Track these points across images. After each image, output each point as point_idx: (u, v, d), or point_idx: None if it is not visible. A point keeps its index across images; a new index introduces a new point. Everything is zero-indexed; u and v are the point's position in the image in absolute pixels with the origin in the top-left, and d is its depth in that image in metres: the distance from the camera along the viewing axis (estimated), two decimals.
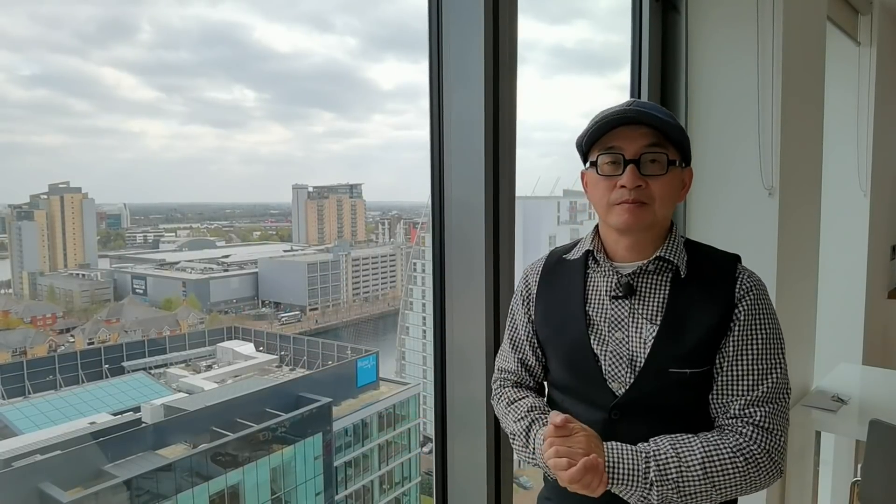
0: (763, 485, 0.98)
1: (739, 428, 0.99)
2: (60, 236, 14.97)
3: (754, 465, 0.96)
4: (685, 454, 0.95)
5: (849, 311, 3.52)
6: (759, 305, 1.03)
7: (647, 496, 0.94)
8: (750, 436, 0.98)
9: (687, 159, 1.08)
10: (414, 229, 20.91)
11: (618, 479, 0.93)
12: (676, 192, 1.06)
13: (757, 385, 1.00)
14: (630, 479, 0.93)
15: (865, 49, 3.39)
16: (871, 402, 2.55)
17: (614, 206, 1.03)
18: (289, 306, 16.98)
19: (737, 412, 1.00)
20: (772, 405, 1.00)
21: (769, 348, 1.02)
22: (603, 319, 1.07)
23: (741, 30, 2.17)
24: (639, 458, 0.94)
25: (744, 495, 0.99)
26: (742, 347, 1.01)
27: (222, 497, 10.43)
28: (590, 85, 41.77)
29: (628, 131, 1.02)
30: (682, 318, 1.02)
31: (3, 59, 26.51)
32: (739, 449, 0.96)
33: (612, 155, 1.03)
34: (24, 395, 10.76)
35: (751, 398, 1.00)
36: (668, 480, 0.93)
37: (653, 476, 0.93)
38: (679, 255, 1.06)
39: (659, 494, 0.93)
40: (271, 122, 40.12)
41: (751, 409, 1.00)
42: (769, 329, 1.03)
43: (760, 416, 0.99)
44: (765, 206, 2.17)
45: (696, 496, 0.94)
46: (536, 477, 1.25)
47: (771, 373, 1.01)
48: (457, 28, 1.60)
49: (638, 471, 0.93)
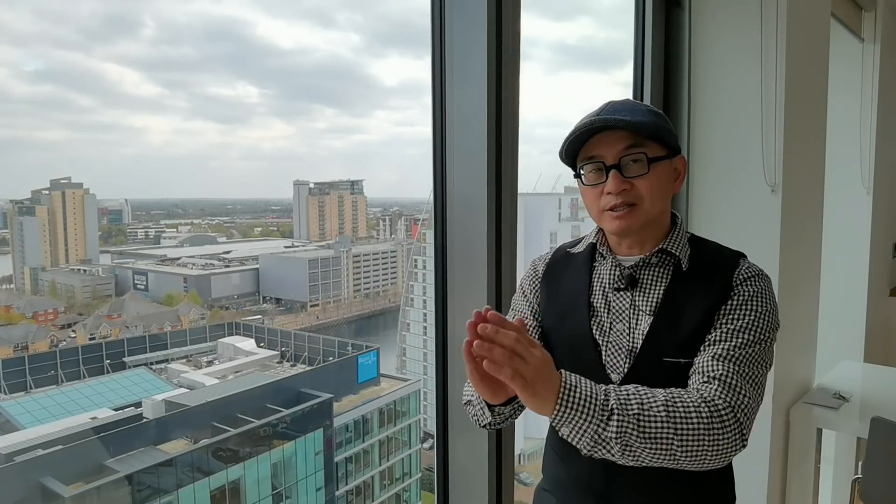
0: (727, 448, 0.90)
1: (705, 383, 0.94)
2: (62, 232, 14.99)
3: (718, 418, 0.89)
4: (647, 394, 0.89)
5: (850, 308, 3.52)
6: (756, 287, 1.02)
7: (604, 431, 0.84)
8: (715, 391, 0.92)
9: (673, 149, 1.07)
10: (415, 226, 20.93)
11: (573, 404, 0.84)
12: (667, 185, 1.06)
13: (733, 348, 0.96)
14: (587, 405, 0.84)
15: (869, 46, 3.38)
16: (872, 399, 2.55)
17: (605, 212, 1.04)
18: (288, 301, 17.01)
19: (702, 366, 0.96)
20: (740, 366, 0.96)
21: (757, 323, 0.99)
22: (606, 310, 1.08)
23: (745, 26, 2.17)
24: (598, 388, 0.87)
25: (709, 464, 0.90)
26: (730, 318, 0.99)
27: (223, 492, 10.47)
28: (592, 82, 41.68)
29: (604, 138, 1.02)
30: (678, 308, 1.03)
31: (7, 55, 26.49)
32: (703, 399, 0.91)
33: (594, 163, 1.04)
34: (25, 390, 10.80)
35: (719, 353, 0.96)
36: (629, 412, 0.85)
37: (613, 403, 0.85)
38: (682, 249, 1.07)
39: (618, 427, 0.84)
40: (273, 118, 40.12)
41: (716, 362, 0.95)
42: (762, 308, 1.00)
43: (725, 371, 0.94)
44: (768, 202, 2.16)
45: (657, 442, 0.86)
46: (536, 473, 1.26)
47: (752, 344, 0.98)
48: (460, 24, 1.59)
49: (596, 397, 0.85)
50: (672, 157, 1.07)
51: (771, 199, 2.15)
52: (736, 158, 2.23)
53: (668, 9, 2.31)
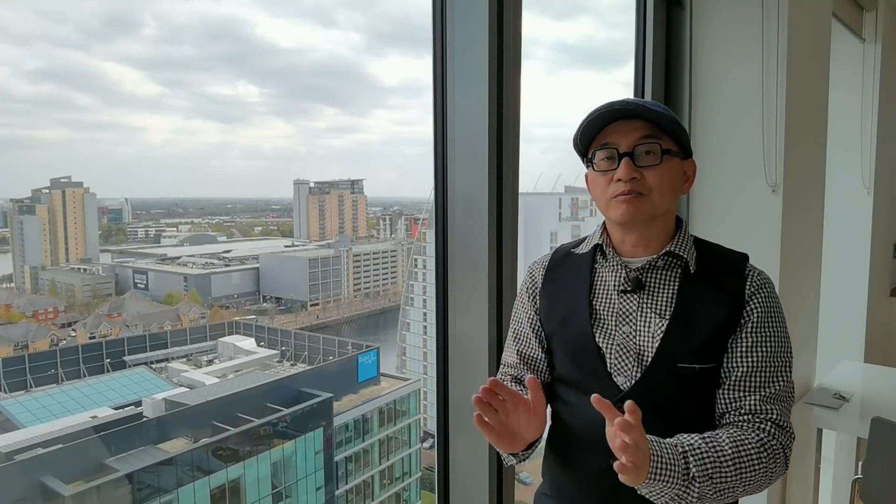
0: (775, 480, 0.99)
1: (759, 424, 0.99)
2: (62, 231, 14.98)
3: (773, 460, 0.96)
4: (717, 448, 0.93)
5: (851, 308, 3.51)
6: (770, 303, 1.04)
7: (686, 495, 0.89)
8: (769, 431, 0.98)
9: (686, 151, 1.07)
10: (415, 225, 20.92)
11: (660, 476, 0.86)
12: (676, 183, 1.06)
13: (771, 382, 1.01)
14: (670, 475, 0.87)
15: (870, 46, 3.37)
16: (872, 399, 2.55)
17: (612, 199, 1.03)
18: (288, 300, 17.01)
19: (753, 408, 1.00)
20: (784, 403, 1.01)
21: (781, 347, 1.03)
22: (609, 313, 1.07)
23: (746, 26, 2.16)
24: (675, 452, 0.90)
25: (758, 491, 0.99)
26: (755, 344, 1.01)
27: (223, 491, 10.46)
28: (593, 81, 41.67)
29: (621, 126, 1.02)
30: (692, 312, 1.02)
31: (8, 54, 26.49)
32: (762, 444, 0.96)
33: (607, 150, 1.03)
34: (25, 389, 10.80)
35: (766, 395, 1.00)
36: (706, 474, 0.90)
37: (694, 471, 0.89)
38: (689, 251, 1.06)
39: (699, 491, 0.89)
40: (274, 117, 40.12)
41: (768, 405, 1.00)
42: (780, 328, 1.04)
43: (777, 414, 1.00)
44: (768, 202, 2.16)
45: (725, 492, 0.92)
46: (536, 473, 1.25)
47: (783, 371, 1.02)
48: (461, 23, 1.59)
49: (677, 464, 0.88)
50: (684, 158, 1.07)
51: (772, 199, 2.15)
52: (737, 158, 2.22)
53: (669, 8, 2.30)
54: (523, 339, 1.20)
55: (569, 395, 1.12)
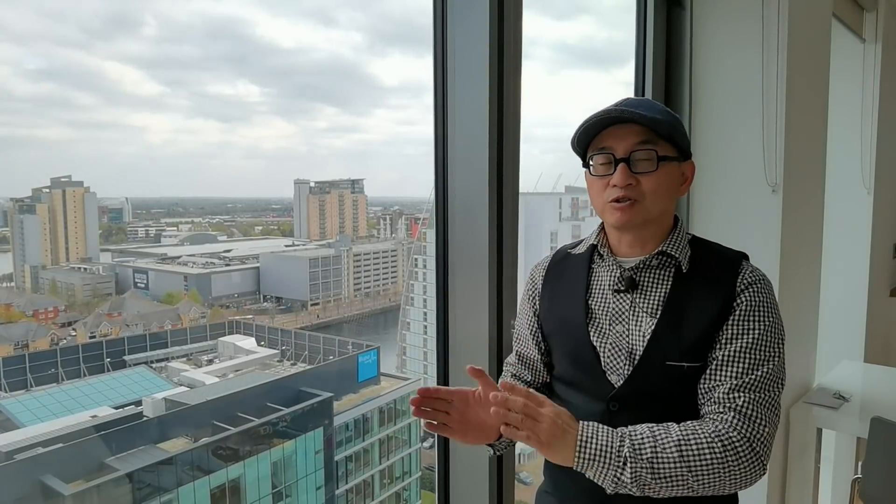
0: (744, 478, 0.94)
1: (720, 414, 0.97)
2: (62, 230, 15.00)
3: (733, 452, 0.93)
4: (661, 435, 0.93)
5: (851, 308, 3.51)
6: (760, 296, 1.02)
7: (621, 476, 0.91)
8: (730, 422, 0.95)
9: (684, 153, 1.07)
10: (415, 225, 20.94)
11: (589, 457, 0.91)
12: (673, 187, 1.06)
13: (746, 373, 0.98)
14: (602, 456, 0.91)
15: (871, 46, 3.37)
16: (872, 399, 2.55)
17: (608, 204, 1.04)
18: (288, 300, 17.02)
19: (719, 397, 0.98)
20: (758, 394, 0.97)
21: (766, 339, 1.00)
22: (604, 312, 1.08)
23: (746, 26, 2.16)
24: (613, 435, 0.93)
25: (728, 490, 0.95)
26: (736, 334, 1.00)
27: (223, 491, 10.47)
28: (593, 81, 41.67)
29: (618, 130, 1.03)
30: (681, 311, 1.02)
31: (9, 53, 26.48)
32: (717, 434, 0.93)
33: (604, 155, 1.04)
34: (26, 388, 10.81)
35: (736, 384, 0.97)
36: (642, 458, 0.90)
37: (627, 452, 0.91)
38: (682, 251, 1.06)
39: (633, 473, 0.90)
40: (274, 116, 40.12)
41: (734, 394, 0.97)
42: (769, 320, 1.01)
43: (743, 402, 0.96)
44: (768, 202, 2.16)
45: (671, 480, 0.91)
46: (536, 472, 1.26)
47: (764, 363, 0.99)
48: (462, 23, 1.59)
49: (611, 446, 0.91)
50: (682, 160, 1.07)
51: (772, 199, 2.16)
52: (737, 158, 2.23)
53: (669, 8, 2.31)
54: (521, 340, 1.24)
55: (566, 393, 1.13)
